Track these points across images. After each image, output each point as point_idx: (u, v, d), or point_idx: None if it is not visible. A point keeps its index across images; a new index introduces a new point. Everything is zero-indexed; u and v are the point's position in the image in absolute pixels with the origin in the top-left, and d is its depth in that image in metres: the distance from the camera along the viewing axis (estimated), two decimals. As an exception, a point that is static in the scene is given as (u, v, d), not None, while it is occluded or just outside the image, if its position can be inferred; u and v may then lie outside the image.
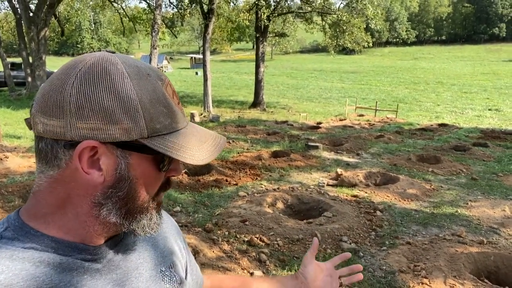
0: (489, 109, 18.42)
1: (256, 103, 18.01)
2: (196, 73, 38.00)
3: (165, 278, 0.71)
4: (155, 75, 0.60)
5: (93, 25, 77.52)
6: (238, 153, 8.19)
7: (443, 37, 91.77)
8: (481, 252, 3.79)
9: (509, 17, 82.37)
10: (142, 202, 0.62)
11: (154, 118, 0.57)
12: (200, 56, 44.60)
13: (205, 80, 15.08)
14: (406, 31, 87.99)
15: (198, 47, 74.16)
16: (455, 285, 3.28)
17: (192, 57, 54.36)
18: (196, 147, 0.61)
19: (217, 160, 7.38)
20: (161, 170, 0.62)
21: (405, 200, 5.54)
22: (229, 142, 9.25)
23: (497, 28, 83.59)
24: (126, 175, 0.58)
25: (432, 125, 13.49)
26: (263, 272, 3.52)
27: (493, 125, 14.22)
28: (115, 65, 0.57)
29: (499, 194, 5.94)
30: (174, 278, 0.73)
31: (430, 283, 3.35)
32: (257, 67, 17.72)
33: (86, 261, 0.60)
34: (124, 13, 20.78)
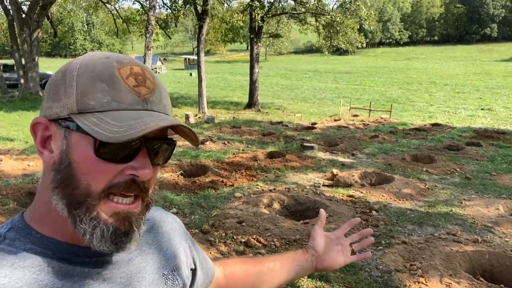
0: (482, 109, 18.60)
1: (251, 104, 18.03)
2: (191, 74, 37.92)
3: (168, 282, 0.71)
4: (115, 58, 0.59)
5: (86, 26, 77.04)
6: (234, 154, 8.19)
7: (436, 38, 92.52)
8: (476, 251, 3.83)
9: (500, 18, 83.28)
10: (83, 194, 0.56)
11: (89, 93, 0.55)
12: (194, 57, 44.54)
13: (200, 81, 15.06)
14: (399, 31, 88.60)
15: (192, 48, 74.02)
16: (451, 283, 3.31)
17: (186, 58, 54.21)
18: (125, 126, 0.54)
19: (213, 161, 7.37)
20: (98, 155, 0.55)
21: (400, 200, 5.58)
22: (225, 143, 9.25)
23: (488, 29, 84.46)
24: (65, 157, 0.57)
25: (425, 125, 13.60)
26: (261, 273, 3.53)
27: (486, 125, 14.36)
28: (86, 55, 0.61)
29: (493, 193, 6.01)
30: (177, 282, 0.73)
31: (426, 282, 3.38)
32: (252, 68, 17.74)
33: (85, 264, 0.60)
34: (117, 14, 20.69)
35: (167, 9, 18.12)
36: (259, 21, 16.13)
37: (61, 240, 0.60)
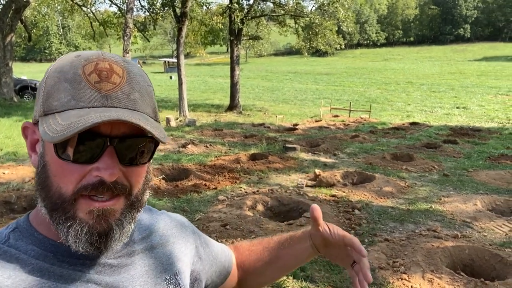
0: (457, 107, 19.12)
1: (232, 106, 17.98)
2: (171, 77, 37.56)
3: (170, 286, 0.71)
4: (85, 56, 0.58)
5: (61, 29, 75.35)
6: (216, 157, 8.15)
7: (411, 39, 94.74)
8: (456, 246, 3.92)
9: (473, 18, 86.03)
10: (56, 197, 0.56)
11: (54, 94, 0.55)
12: (174, 60, 44.17)
13: (180, 84, 14.93)
14: (376, 33, 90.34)
15: (172, 51, 73.40)
16: (433, 279, 3.37)
17: (165, 61, 53.69)
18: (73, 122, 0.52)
19: (195, 165, 7.31)
20: (59, 156, 0.55)
21: (381, 198, 5.67)
22: (207, 146, 9.19)
23: (462, 29, 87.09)
24: (41, 159, 0.58)
25: (404, 124, 13.88)
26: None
27: (462, 123, 14.77)
28: (63, 55, 0.62)
29: (470, 189, 6.18)
30: (179, 286, 0.73)
31: (409, 278, 3.43)
32: (232, 70, 17.71)
33: (86, 268, 0.61)
34: (94, 17, 20.31)
35: (145, 11, 17.91)
36: (239, 23, 16.13)
37: (61, 242, 0.59)
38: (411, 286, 3.32)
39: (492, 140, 10.84)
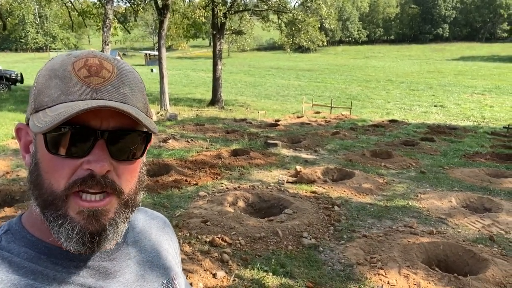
0: (435, 106, 19.59)
1: (214, 101, 17.88)
2: (152, 70, 36.99)
3: None
4: (76, 54, 0.60)
5: (38, 19, 72.90)
6: (197, 152, 8.10)
7: (392, 37, 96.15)
8: (431, 242, 4.03)
9: (452, 18, 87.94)
10: (47, 194, 0.56)
11: (45, 91, 0.57)
12: (155, 52, 43.43)
13: (161, 77, 14.72)
14: (357, 30, 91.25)
15: (153, 43, 72.16)
16: (408, 274, 3.46)
17: (146, 54, 52.77)
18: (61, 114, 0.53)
19: (176, 160, 7.25)
20: (49, 151, 0.55)
21: (360, 195, 5.76)
22: (188, 141, 9.12)
23: (441, 29, 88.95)
24: (33, 158, 0.59)
25: (383, 121, 14.13)
26: (226, 272, 3.52)
27: (439, 121, 15.15)
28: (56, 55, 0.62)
29: (446, 186, 6.35)
30: None
31: (385, 274, 3.51)
32: (215, 64, 17.58)
33: (80, 270, 0.60)
34: (72, 6, 19.72)
35: (125, 2, 17.51)
36: (222, 18, 16.00)
37: (54, 245, 0.60)
38: (388, 282, 3.39)
39: (468, 138, 11.17)
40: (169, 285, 0.71)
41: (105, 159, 0.56)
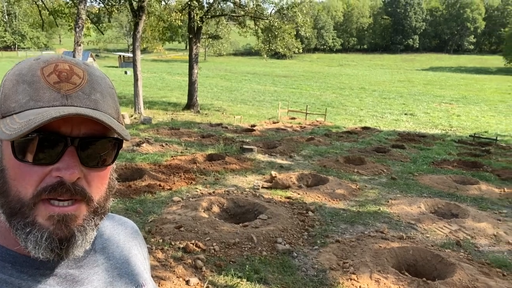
0: (405, 114, 20.21)
1: (190, 105, 17.72)
2: (126, 72, 36.30)
3: None
4: (44, 59, 0.59)
5: (6, 17, 70.15)
6: (172, 156, 7.99)
7: (365, 46, 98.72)
8: (401, 247, 4.14)
9: (421, 30, 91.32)
10: (14, 201, 0.55)
11: (12, 96, 0.56)
12: (129, 54, 42.68)
13: (136, 80, 14.46)
14: (332, 39, 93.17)
15: (127, 45, 70.86)
16: (379, 279, 3.53)
17: (120, 55, 51.78)
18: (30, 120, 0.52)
19: (150, 164, 7.12)
20: (16, 157, 0.54)
21: (334, 200, 5.85)
22: (162, 145, 8.98)
23: (411, 40, 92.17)
24: (0, 164, 0.57)
25: (356, 128, 14.44)
26: (199, 279, 3.47)
27: (409, 128, 15.63)
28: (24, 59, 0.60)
29: (415, 192, 6.55)
30: None
31: (357, 278, 3.57)
32: (191, 68, 17.45)
33: (46, 278, 0.59)
34: (43, 5, 19.10)
35: (99, 3, 17.14)
36: (198, 22, 15.93)
37: (19, 253, 0.58)
38: (360, 287, 3.45)
39: (436, 146, 11.57)
40: None
41: (75, 167, 0.55)
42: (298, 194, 5.97)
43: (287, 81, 37.69)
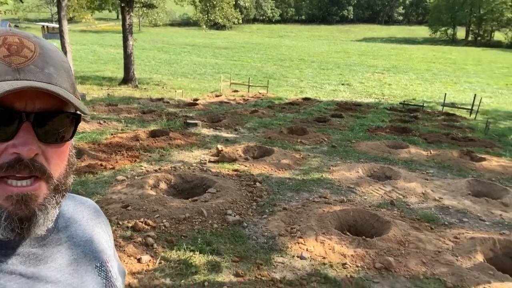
0: (342, 84, 21.08)
1: (127, 79, 16.86)
2: (51, 45, 33.34)
3: (101, 274, 0.71)
4: None
5: None
6: (112, 134, 7.65)
7: (303, 17, 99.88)
8: (342, 210, 4.44)
9: (355, 1, 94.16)
10: None
11: None
12: (54, 25, 39.08)
13: (64, 53, 13.31)
14: (271, 9, 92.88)
15: (51, 14, 64.60)
16: (324, 240, 3.79)
17: (44, 26, 47.31)
18: None
19: (88, 143, 6.77)
20: None
21: (280, 170, 6.05)
22: (100, 123, 8.54)
23: (346, 11, 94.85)
24: None
25: (298, 99, 14.81)
26: (151, 256, 3.47)
27: (346, 98, 16.38)
28: None
29: (353, 158, 6.98)
30: (110, 274, 0.73)
31: (304, 242, 3.80)
32: (125, 40, 16.48)
33: (9, 259, 0.58)
34: None
35: (15, -34, 15.30)
36: (131, -11, 14.97)
37: None
38: (307, 249, 3.68)
39: (370, 114, 12.30)
40: (102, 268, 0.71)
41: (32, 142, 0.54)
42: (245, 166, 6.08)
43: (228, 53, 37.17)
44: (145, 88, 16.27)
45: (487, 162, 6.97)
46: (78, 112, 0.60)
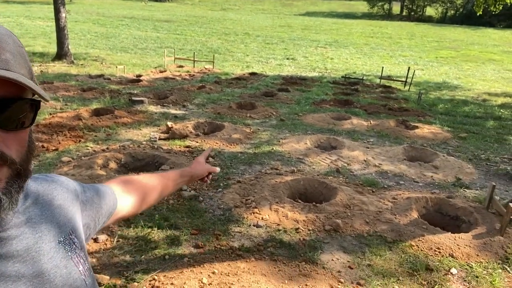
0: (287, 58, 21.35)
1: (61, 54, 15.68)
2: (-32, 16, 29.76)
3: (66, 247, 0.72)
4: None
5: None
6: (51, 114, 7.21)
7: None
8: (293, 179, 4.68)
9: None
10: None
11: None
12: (-30, -7, 34.71)
13: (-13, 26, 12.07)
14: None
15: (-36, -19, 57.14)
16: (278, 208, 4.00)
17: (-44, -6, 41.93)
18: None
19: (25, 125, 6.33)
20: None
21: (231, 145, 6.15)
22: (36, 103, 7.97)
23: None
24: None
25: (244, 74, 14.83)
26: (108, 235, 3.45)
27: (291, 72, 16.68)
28: None
29: (301, 131, 7.26)
30: (75, 245, 0.74)
31: (259, 211, 3.98)
32: (57, 12, 15.20)
33: None
34: None
35: None
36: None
37: None
38: (262, 218, 3.87)
39: (315, 87, 12.71)
40: (66, 241, 0.72)
41: None
42: (197, 142, 6.10)
43: (169, 26, 35.74)
44: (82, 64, 15.28)
45: (420, 129, 7.62)
46: (37, 97, 0.59)
